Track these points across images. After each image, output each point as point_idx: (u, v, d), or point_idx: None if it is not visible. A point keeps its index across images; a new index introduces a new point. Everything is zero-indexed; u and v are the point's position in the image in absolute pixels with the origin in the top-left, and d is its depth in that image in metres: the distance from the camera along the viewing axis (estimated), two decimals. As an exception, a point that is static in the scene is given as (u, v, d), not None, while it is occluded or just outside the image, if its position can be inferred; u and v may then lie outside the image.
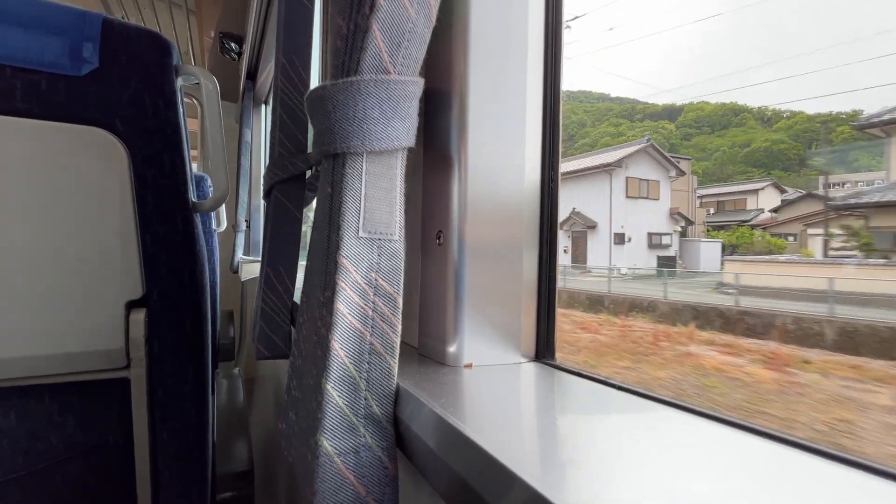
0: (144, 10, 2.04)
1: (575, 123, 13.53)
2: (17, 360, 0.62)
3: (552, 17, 0.44)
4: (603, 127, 11.57)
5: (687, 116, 12.29)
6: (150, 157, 0.67)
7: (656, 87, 58.95)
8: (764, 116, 12.63)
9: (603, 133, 11.21)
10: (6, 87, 0.60)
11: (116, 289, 0.66)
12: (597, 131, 11.40)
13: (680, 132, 12.37)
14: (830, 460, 0.23)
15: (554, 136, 0.45)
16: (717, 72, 55.37)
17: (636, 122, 12.02)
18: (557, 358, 0.45)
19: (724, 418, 0.29)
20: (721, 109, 12.41)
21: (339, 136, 0.34)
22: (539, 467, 0.23)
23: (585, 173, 8.71)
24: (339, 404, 0.33)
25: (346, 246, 0.33)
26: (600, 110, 14.53)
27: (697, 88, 31.10)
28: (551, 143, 0.45)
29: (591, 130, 11.25)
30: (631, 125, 12.33)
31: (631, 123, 12.29)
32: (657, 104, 10.45)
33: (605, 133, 11.76)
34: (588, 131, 10.87)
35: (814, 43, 45.47)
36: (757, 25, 42.53)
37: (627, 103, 14.79)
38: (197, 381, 0.75)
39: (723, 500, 0.20)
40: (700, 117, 11.54)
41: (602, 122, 12.21)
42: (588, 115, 13.95)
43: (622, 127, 12.38)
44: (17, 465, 0.66)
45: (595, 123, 12.11)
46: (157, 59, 0.66)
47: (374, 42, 0.32)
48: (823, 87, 25.88)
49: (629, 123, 12.43)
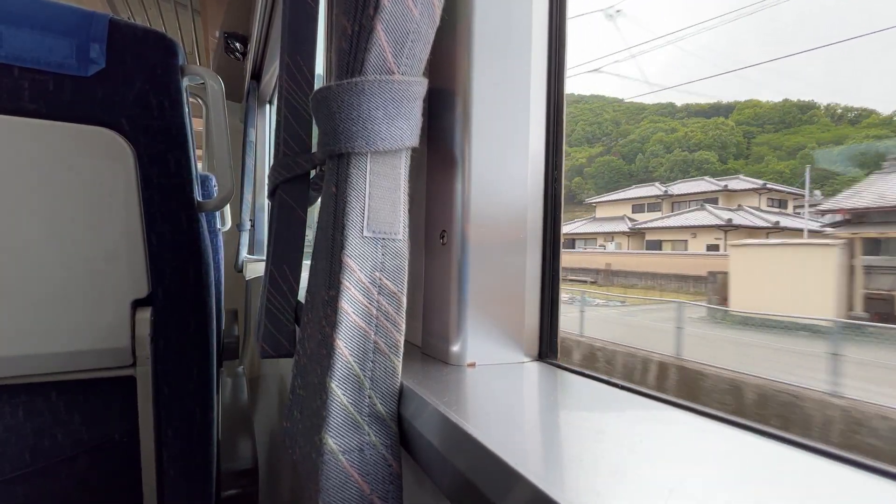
0: (150, 11, 2.05)
1: (609, 121, 13.36)
2: (24, 358, 0.63)
3: (556, 16, 0.44)
4: (645, 124, 11.32)
5: (743, 114, 11.93)
6: (156, 156, 0.68)
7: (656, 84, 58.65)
8: (834, 114, 12.24)
9: (652, 129, 10.91)
10: (14, 88, 0.60)
11: (122, 288, 0.67)
12: (641, 128, 11.15)
13: (739, 130, 12.04)
14: (834, 460, 0.23)
15: (557, 135, 0.45)
16: (718, 70, 54.74)
17: (685, 119, 11.67)
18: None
19: (727, 418, 0.29)
20: (783, 107, 12.06)
21: (344, 136, 0.34)
22: (542, 465, 0.23)
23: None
24: (343, 403, 0.33)
25: (350, 245, 0.34)
26: (632, 109, 14.28)
27: (706, 87, 30.71)
28: (555, 143, 0.45)
29: (632, 128, 11.04)
30: (683, 122, 11.99)
31: (681, 120, 11.93)
32: (699, 103, 10.16)
33: (656, 129, 11.45)
34: (628, 129, 10.69)
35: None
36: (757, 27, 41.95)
37: (640, 105, 14.48)
38: (201, 380, 0.75)
39: (725, 500, 0.20)
40: (758, 114, 11.20)
41: (641, 120, 11.97)
42: (619, 113, 13.75)
43: (672, 123, 12.02)
44: (24, 462, 0.66)
45: (629, 121, 11.93)
46: (163, 60, 0.67)
47: (378, 42, 0.32)
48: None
49: (677, 121, 12.07)
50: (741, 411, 3.91)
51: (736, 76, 29.83)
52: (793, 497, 0.20)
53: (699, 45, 54.12)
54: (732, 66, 32.57)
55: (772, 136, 11.12)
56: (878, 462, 0.22)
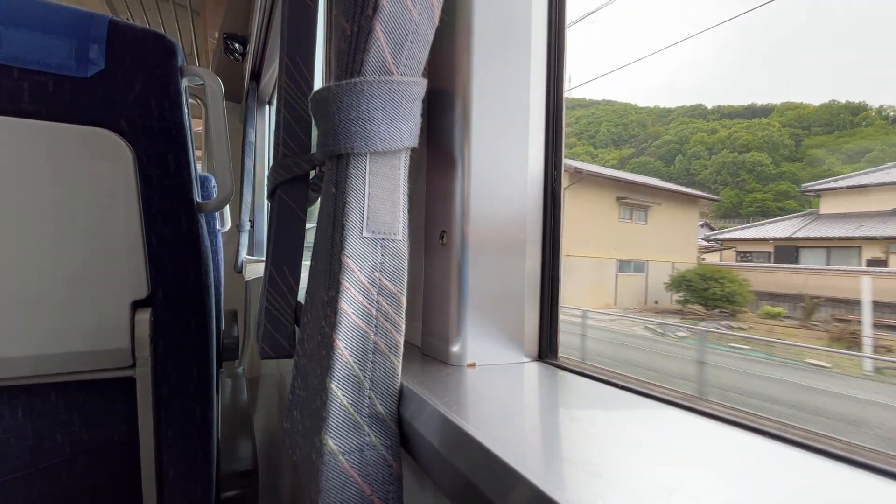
0: (149, 12, 2.05)
1: (634, 123, 12.96)
2: (24, 359, 0.63)
3: (555, 16, 0.45)
4: (675, 126, 10.89)
5: (785, 116, 11.40)
6: (156, 157, 0.68)
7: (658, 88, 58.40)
8: (888, 116, 11.66)
9: (690, 130, 10.40)
10: (13, 89, 0.60)
11: (122, 288, 0.67)
12: (675, 130, 10.69)
13: (785, 132, 11.47)
14: (834, 460, 0.23)
15: (557, 135, 0.45)
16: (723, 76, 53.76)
17: (722, 121, 11.13)
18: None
19: (726, 418, 0.29)
20: (830, 108, 11.44)
21: (343, 137, 0.34)
22: (542, 466, 0.23)
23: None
24: (343, 403, 0.33)
25: (349, 246, 0.34)
26: (655, 111, 13.90)
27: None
28: (554, 143, 0.45)
29: (662, 129, 10.63)
30: (721, 123, 11.46)
31: (719, 122, 11.41)
32: (732, 104, 9.60)
33: (695, 129, 10.93)
34: (658, 130, 10.31)
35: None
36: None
37: (663, 108, 14.11)
38: (201, 381, 0.75)
39: (725, 499, 0.20)
40: (802, 116, 10.71)
41: (670, 122, 11.56)
42: (643, 115, 13.42)
43: (712, 124, 11.46)
44: (24, 463, 0.66)
45: (656, 123, 11.59)
46: (163, 61, 0.67)
47: (377, 43, 0.32)
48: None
49: (715, 122, 11.54)
50: None
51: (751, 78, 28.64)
52: (793, 497, 0.20)
53: (709, 50, 53.12)
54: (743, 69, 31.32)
55: (825, 139, 10.64)
56: (879, 461, 0.22)
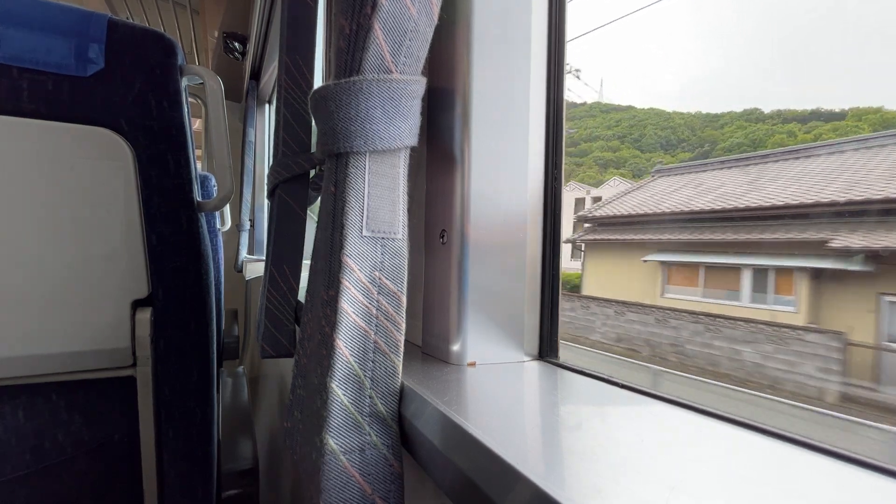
0: (149, 11, 2.05)
1: (682, 126, 12.47)
2: (25, 359, 0.63)
3: (555, 14, 0.44)
4: (730, 130, 10.41)
5: (865, 120, 10.73)
6: (155, 156, 0.68)
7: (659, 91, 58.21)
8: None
9: (764, 132, 9.85)
10: (13, 88, 0.60)
11: (122, 288, 0.67)
12: (737, 134, 10.15)
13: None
14: (834, 458, 0.23)
15: (557, 134, 0.45)
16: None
17: (786, 125, 10.46)
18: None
19: (726, 416, 0.29)
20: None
21: (342, 136, 0.34)
22: (543, 464, 0.23)
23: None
24: (343, 403, 0.33)
25: (349, 245, 0.34)
26: (704, 118, 13.40)
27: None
28: (555, 142, 0.45)
29: (717, 133, 10.19)
30: (803, 127, 10.83)
31: (783, 125, 10.78)
32: (793, 109, 9.16)
33: (771, 131, 10.36)
34: (713, 134, 9.90)
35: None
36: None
37: (707, 114, 13.51)
38: (202, 380, 0.75)
39: (724, 497, 0.20)
40: (886, 120, 10.08)
41: (722, 126, 11.10)
42: (690, 119, 13.05)
43: (789, 126, 10.84)
44: (25, 463, 0.66)
45: (705, 128, 11.24)
46: (162, 60, 0.67)
47: (376, 41, 0.32)
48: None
49: (791, 124, 10.88)
50: None
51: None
52: (794, 495, 0.20)
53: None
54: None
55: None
56: (878, 460, 0.22)
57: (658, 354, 3.18)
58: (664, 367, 2.78)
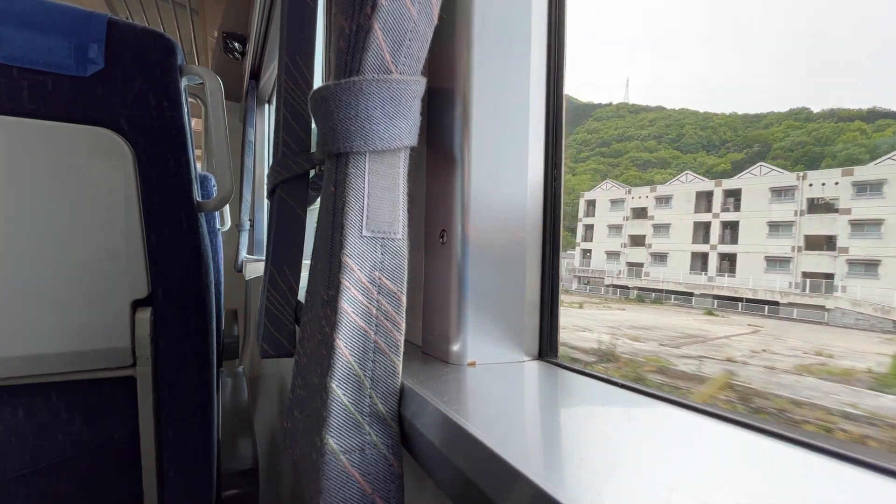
0: (149, 11, 2.05)
1: (724, 126, 12.11)
2: (25, 359, 0.63)
3: (555, 14, 0.44)
4: (779, 130, 9.92)
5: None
6: (155, 156, 0.68)
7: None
8: None
9: (830, 132, 9.34)
10: (13, 88, 0.60)
11: (122, 288, 0.67)
12: (791, 135, 9.56)
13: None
14: (835, 458, 0.23)
15: (557, 133, 0.45)
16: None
17: (852, 123, 9.86)
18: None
19: (725, 416, 0.29)
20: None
21: (342, 136, 0.34)
22: (542, 464, 0.23)
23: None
24: (343, 402, 0.33)
25: (349, 245, 0.34)
26: (744, 118, 13.00)
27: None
28: (554, 141, 0.45)
29: (766, 133, 9.76)
30: (874, 126, 10.24)
31: (848, 123, 10.19)
32: (848, 108, 8.82)
33: (839, 131, 9.83)
34: (761, 134, 9.51)
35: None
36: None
37: (745, 114, 12.98)
38: (201, 380, 0.75)
39: (724, 497, 0.20)
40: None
41: (768, 126, 10.70)
42: (730, 119, 12.73)
43: (860, 124, 10.19)
44: (25, 463, 0.66)
45: (747, 128, 10.96)
46: (162, 60, 0.67)
47: (376, 42, 0.32)
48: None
49: (835, 123, 10.28)
50: None
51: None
52: (793, 495, 0.20)
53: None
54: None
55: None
56: (877, 459, 0.22)
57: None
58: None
